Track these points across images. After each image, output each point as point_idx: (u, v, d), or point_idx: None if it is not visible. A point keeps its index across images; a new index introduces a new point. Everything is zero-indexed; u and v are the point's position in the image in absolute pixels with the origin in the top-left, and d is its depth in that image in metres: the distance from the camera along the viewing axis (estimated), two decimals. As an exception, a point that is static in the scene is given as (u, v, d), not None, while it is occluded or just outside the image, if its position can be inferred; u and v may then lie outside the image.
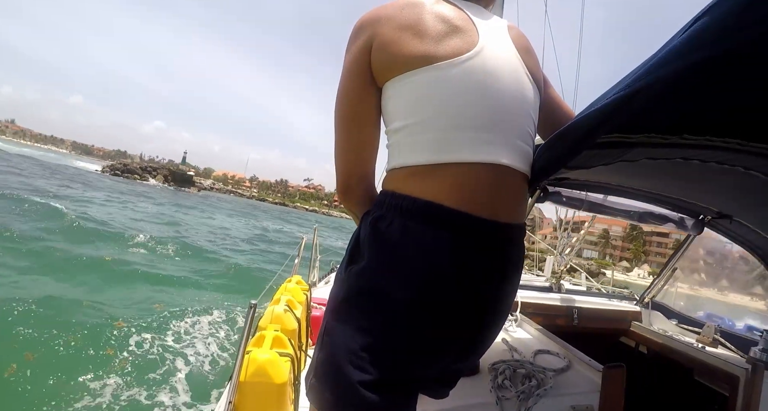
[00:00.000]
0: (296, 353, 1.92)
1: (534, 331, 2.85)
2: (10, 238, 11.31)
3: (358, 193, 1.27)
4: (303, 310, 2.38)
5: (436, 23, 1.12)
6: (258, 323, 2.05)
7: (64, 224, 15.44)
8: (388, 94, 1.15)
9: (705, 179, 1.83)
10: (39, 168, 55.57)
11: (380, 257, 1.09)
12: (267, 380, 1.59)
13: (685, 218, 3.10)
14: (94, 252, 12.06)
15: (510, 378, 2.00)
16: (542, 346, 2.50)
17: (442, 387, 1.33)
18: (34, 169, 49.05)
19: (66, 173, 53.50)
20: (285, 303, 2.19)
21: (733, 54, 0.77)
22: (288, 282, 2.71)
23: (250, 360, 1.61)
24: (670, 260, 3.89)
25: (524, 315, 3.12)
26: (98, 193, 28.80)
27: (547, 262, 6.13)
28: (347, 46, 1.20)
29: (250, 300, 1.63)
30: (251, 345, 1.77)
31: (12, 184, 22.78)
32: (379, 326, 1.06)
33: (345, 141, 1.23)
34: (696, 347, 2.96)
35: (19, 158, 72.13)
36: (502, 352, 2.36)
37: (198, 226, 23.18)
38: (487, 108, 1.11)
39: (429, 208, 1.06)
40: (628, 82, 0.91)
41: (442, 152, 1.08)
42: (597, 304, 3.76)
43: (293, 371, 1.80)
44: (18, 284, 8.17)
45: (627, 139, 1.22)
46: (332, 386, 1.09)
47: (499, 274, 1.15)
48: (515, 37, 1.26)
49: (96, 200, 26.00)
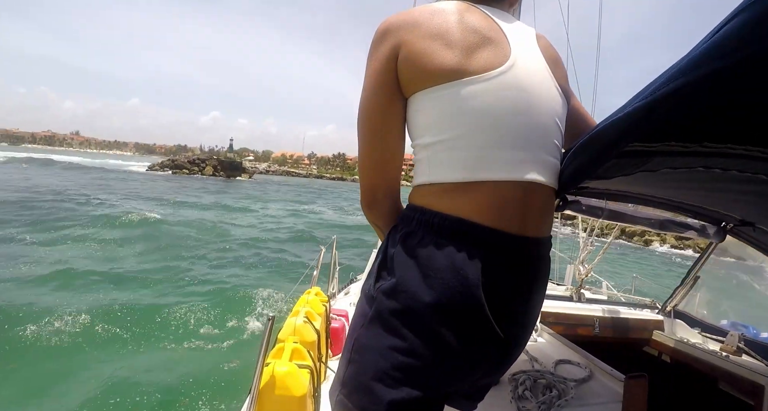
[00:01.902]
0: (316, 365, 1.92)
1: (555, 341, 2.83)
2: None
3: (384, 207, 1.26)
4: (322, 322, 2.38)
5: (467, 34, 1.08)
6: (277, 336, 2.06)
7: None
8: (415, 107, 1.13)
9: (727, 187, 1.81)
10: (78, 174, 54.70)
11: (411, 274, 1.07)
12: (286, 393, 1.59)
13: (706, 226, 3.06)
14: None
15: (531, 388, 1.99)
16: (563, 356, 2.48)
17: (471, 401, 1.32)
18: (70, 178, 47.01)
19: (107, 179, 51.00)
20: (304, 315, 2.19)
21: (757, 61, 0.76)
22: (307, 294, 2.72)
23: (269, 372, 1.62)
24: (692, 268, 3.84)
25: (545, 324, 3.11)
26: (133, 203, 27.52)
27: (567, 272, 6.08)
28: (370, 52, 1.16)
29: (269, 313, 1.63)
30: (270, 357, 1.77)
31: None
32: (411, 344, 1.05)
33: (370, 154, 1.21)
34: (720, 356, 2.92)
35: (62, 168, 68.02)
36: (522, 362, 2.34)
37: (240, 230, 21.13)
38: (520, 125, 1.09)
39: (461, 225, 1.05)
40: (653, 89, 0.91)
41: (476, 170, 1.06)
42: (618, 313, 3.72)
43: (313, 383, 1.80)
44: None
45: (647, 148, 1.21)
46: (362, 405, 1.08)
47: (528, 289, 1.14)
48: (544, 48, 1.24)
49: (126, 209, 22.89)
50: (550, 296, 4.06)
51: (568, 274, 5.99)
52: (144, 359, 6.51)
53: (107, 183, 44.32)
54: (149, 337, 7.29)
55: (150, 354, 6.71)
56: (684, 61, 0.85)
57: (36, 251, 12.67)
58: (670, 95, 0.86)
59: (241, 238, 18.16)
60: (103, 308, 8.17)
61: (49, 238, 14.61)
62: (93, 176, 52.98)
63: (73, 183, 38.86)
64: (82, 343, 6.79)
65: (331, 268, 3.97)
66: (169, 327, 7.80)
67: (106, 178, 51.33)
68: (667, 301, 3.94)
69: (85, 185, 37.96)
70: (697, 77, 0.82)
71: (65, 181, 40.82)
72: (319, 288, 2.92)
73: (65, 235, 15.44)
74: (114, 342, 6.97)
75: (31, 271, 10.58)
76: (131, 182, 48.97)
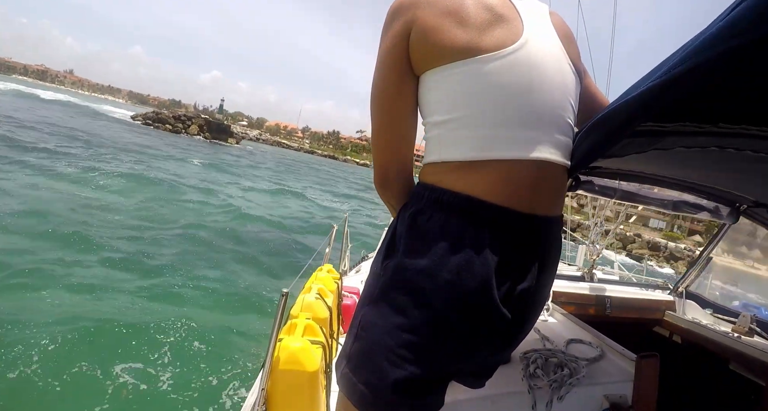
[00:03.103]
0: (328, 341, 1.94)
1: (566, 321, 2.83)
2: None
3: (396, 186, 1.26)
4: (334, 299, 2.40)
5: (480, 11, 1.07)
6: (290, 312, 2.08)
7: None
8: (427, 85, 1.13)
9: (740, 168, 1.80)
10: (62, 113, 53.34)
11: (418, 252, 1.07)
12: (299, 368, 1.61)
13: (720, 207, 3.04)
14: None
15: (542, 367, 2.00)
16: (574, 336, 2.49)
17: (480, 379, 1.33)
18: (56, 114, 45.95)
19: (87, 123, 47.99)
20: (316, 291, 2.21)
21: None
22: (319, 271, 2.73)
23: (281, 348, 1.63)
24: (705, 249, 3.83)
25: (556, 304, 3.11)
26: (105, 151, 25.26)
27: (579, 251, 6.07)
28: (383, 30, 1.16)
29: (282, 288, 1.65)
30: (283, 333, 1.79)
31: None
32: (416, 323, 1.06)
33: (383, 132, 1.22)
34: (731, 337, 2.92)
35: (51, 103, 67.03)
36: (533, 341, 2.35)
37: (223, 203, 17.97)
38: (533, 103, 1.08)
39: (470, 203, 1.05)
40: (667, 69, 0.90)
41: (487, 149, 1.06)
42: (630, 294, 3.72)
43: (325, 359, 1.82)
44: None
45: (662, 127, 1.20)
46: (367, 380, 1.10)
47: (537, 268, 1.15)
48: (557, 25, 1.23)
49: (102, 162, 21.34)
50: (562, 276, 4.06)
51: (580, 254, 5.98)
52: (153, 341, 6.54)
53: (75, 126, 41.09)
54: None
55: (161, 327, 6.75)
56: (699, 40, 0.84)
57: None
58: (685, 74, 0.86)
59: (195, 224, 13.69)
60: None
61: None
62: (66, 114, 51.71)
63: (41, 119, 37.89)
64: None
65: (343, 245, 3.99)
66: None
67: (77, 122, 47.61)
68: (679, 282, 3.94)
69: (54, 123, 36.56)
70: (712, 56, 0.81)
71: (36, 116, 40.18)
72: (331, 265, 2.94)
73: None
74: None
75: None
76: (104, 130, 45.37)
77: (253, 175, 34.93)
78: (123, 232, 11.14)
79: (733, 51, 0.78)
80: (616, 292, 3.69)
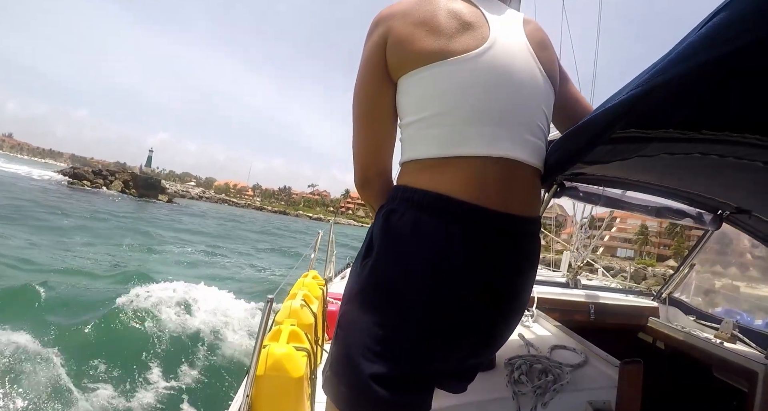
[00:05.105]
0: (313, 348, 1.93)
1: (550, 327, 2.84)
2: None
3: (375, 187, 1.29)
4: (319, 305, 2.39)
5: (449, 19, 1.13)
6: (275, 318, 2.07)
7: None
8: (402, 90, 1.17)
9: (723, 174, 1.82)
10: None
11: (391, 250, 1.10)
12: (284, 374, 1.60)
13: (703, 213, 3.07)
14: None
15: (526, 373, 2.00)
16: (559, 342, 2.49)
17: (460, 382, 1.33)
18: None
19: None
20: (301, 298, 2.20)
21: (753, 49, 0.76)
22: (304, 277, 2.73)
23: (266, 354, 1.62)
24: (688, 256, 3.86)
25: (541, 310, 3.12)
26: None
27: (563, 258, 6.10)
28: (365, 40, 1.23)
29: (267, 295, 1.64)
30: (268, 339, 1.78)
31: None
32: (391, 319, 1.08)
33: (362, 135, 1.26)
34: (714, 343, 2.94)
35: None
36: (518, 347, 2.36)
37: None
38: (497, 103, 1.12)
39: (439, 200, 1.07)
40: (645, 79, 0.91)
41: (452, 146, 1.10)
42: (614, 300, 3.75)
43: (309, 365, 1.81)
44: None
45: (644, 134, 1.21)
46: (347, 380, 1.11)
47: (513, 267, 1.15)
48: (530, 32, 1.26)
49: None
50: (546, 282, 4.08)
51: (564, 260, 6.01)
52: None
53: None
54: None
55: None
56: (677, 51, 0.85)
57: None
58: (664, 84, 0.87)
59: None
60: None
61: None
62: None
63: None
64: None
65: (328, 252, 3.98)
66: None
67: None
68: (663, 288, 3.97)
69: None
70: (690, 67, 0.83)
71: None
72: (316, 271, 2.93)
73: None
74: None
75: None
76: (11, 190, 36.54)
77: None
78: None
79: (713, 60, 0.79)
80: (600, 298, 3.72)
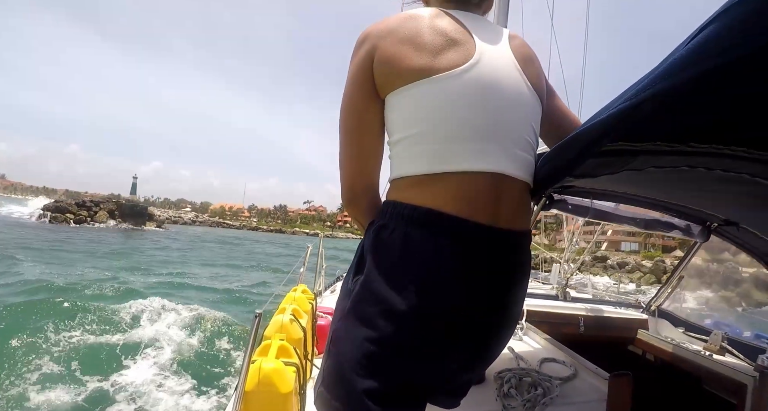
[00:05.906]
0: (302, 362, 1.92)
1: (540, 340, 2.84)
2: None
3: (363, 203, 1.29)
4: (308, 320, 2.38)
5: (435, 36, 1.13)
6: (264, 333, 2.05)
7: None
8: (389, 107, 1.17)
9: (711, 187, 1.83)
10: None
11: (382, 265, 1.10)
12: (272, 389, 1.59)
13: (691, 225, 3.08)
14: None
15: (516, 386, 2.00)
16: (548, 355, 2.49)
17: (453, 397, 1.33)
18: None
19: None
20: (290, 312, 2.19)
21: (741, 63, 0.77)
22: (293, 291, 2.71)
23: (255, 369, 1.61)
24: (676, 268, 3.87)
25: (530, 323, 3.12)
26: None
27: (553, 271, 6.10)
28: (351, 58, 1.22)
29: (256, 310, 1.63)
30: (257, 354, 1.77)
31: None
32: (383, 335, 1.07)
33: (349, 151, 1.25)
34: (703, 355, 2.94)
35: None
36: (508, 360, 2.35)
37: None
38: (484, 118, 1.12)
39: (429, 215, 1.07)
40: (633, 93, 0.91)
41: (441, 163, 1.09)
42: (603, 312, 3.75)
43: (298, 380, 1.80)
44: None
45: (632, 147, 1.22)
46: (340, 396, 1.10)
47: (504, 281, 1.15)
48: (516, 47, 1.26)
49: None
50: (536, 295, 4.08)
51: (554, 273, 6.01)
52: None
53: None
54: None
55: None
56: (664, 66, 0.86)
57: None
58: (651, 99, 0.87)
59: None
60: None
61: None
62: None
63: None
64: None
65: (318, 266, 3.96)
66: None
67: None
68: (652, 301, 3.98)
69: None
70: (677, 82, 0.83)
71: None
72: (305, 286, 2.92)
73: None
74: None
75: None
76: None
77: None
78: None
79: (701, 74, 0.79)
80: (590, 310, 3.72)
